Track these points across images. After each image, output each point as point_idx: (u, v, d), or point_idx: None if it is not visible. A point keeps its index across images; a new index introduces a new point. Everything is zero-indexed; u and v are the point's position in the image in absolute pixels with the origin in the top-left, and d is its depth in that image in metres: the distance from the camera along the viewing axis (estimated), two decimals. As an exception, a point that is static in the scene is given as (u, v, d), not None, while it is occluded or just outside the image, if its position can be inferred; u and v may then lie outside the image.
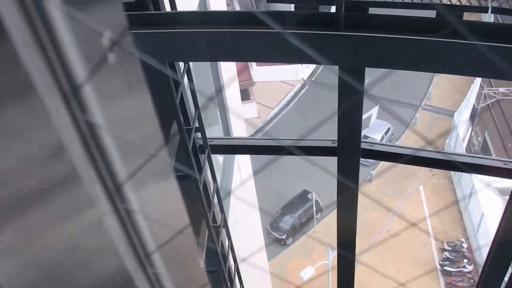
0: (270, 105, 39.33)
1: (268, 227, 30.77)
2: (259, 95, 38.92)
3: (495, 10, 2.68)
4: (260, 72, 39.70)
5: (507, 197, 4.49)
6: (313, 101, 37.60)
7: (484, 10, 2.69)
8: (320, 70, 40.38)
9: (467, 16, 2.73)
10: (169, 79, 3.48)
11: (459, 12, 2.70)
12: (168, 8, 3.75)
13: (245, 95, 36.50)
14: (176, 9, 3.74)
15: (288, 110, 39.08)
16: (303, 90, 40.03)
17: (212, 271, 4.97)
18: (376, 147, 4.61)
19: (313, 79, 40.50)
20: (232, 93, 12.02)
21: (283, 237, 30.79)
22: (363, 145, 4.46)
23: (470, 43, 2.40)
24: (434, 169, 30.48)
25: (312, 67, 40.38)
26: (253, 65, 39.09)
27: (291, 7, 3.01)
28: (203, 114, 5.56)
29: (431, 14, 2.78)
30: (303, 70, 40.02)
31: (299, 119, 37.36)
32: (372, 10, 2.86)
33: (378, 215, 30.29)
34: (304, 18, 2.57)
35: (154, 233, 1.47)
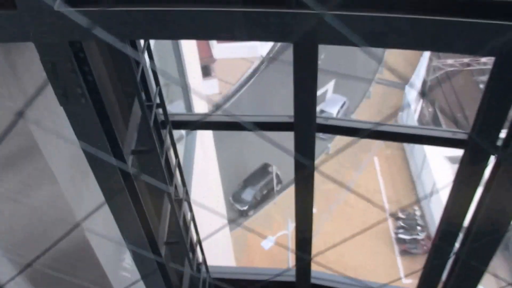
0: (231, 81, 39.51)
1: (231, 198, 31.35)
2: (220, 71, 39.12)
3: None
4: (221, 49, 39.83)
5: (457, 165, 4.71)
6: (272, 76, 37.91)
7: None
8: (277, 47, 40.70)
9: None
10: (128, 56, 3.56)
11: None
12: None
13: (206, 72, 36.62)
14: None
15: (249, 86, 39.33)
16: (262, 66, 40.29)
17: (174, 242, 5.11)
18: (331, 122, 4.77)
19: (271, 55, 40.76)
20: (193, 70, 12.07)
21: (245, 208, 31.46)
22: (318, 120, 4.61)
23: (410, 17, 2.52)
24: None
25: (270, 44, 40.66)
26: (213, 43, 39.20)
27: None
28: (165, 90, 5.66)
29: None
30: (262, 47, 40.25)
31: (259, 94, 37.67)
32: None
33: (336, 187, 30.90)
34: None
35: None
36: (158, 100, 4.30)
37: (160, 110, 4.56)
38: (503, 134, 4.24)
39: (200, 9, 2.63)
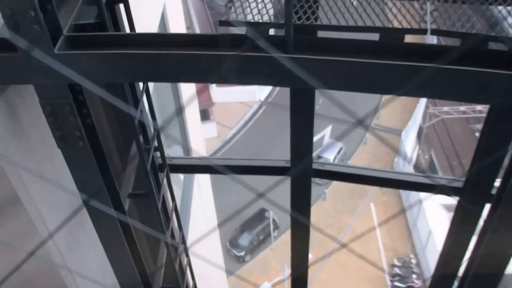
0: (229, 125, 39.67)
1: (228, 244, 31.16)
2: (219, 115, 39.32)
3: (434, 32, 2.88)
4: (220, 93, 40.14)
5: (453, 213, 4.73)
6: (270, 121, 38.09)
7: (423, 32, 2.88)
8: (276, 92, 41.04)
9: (409, 39, 2.92)
10: (128, 99, 3.60)
11: (401, 35, 2.89)
12: (127, 30, 3.88)
13: (205, 115, 36.83)
14: (135, 30, 3.88)
15: (247, 130, 39.48)
16: (260, 111, 40.50)
17: (170, 287, 5.07)
18: (327, 167, 4.80)
19: (269, 100, 41.05)
20: (191, 114, 12.12)
21: (242, 254, 31.22)
22: (314, 165, 4.65)
23: (411, 64, 2.56)
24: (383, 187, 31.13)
25: (268, 88, 41.00)
26: (213, 86, 39.54)
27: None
28: (164, 135, 5.68)
29: (375, 37, 2.98)
30: (261, 92, 40.57)
31: (257, 138, 37.80)
32: (322, 34, 3.03)
33: (332, 231, 30.79)
34: (256, 41, 2.69)
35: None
36: (156, 143, 4.32)
37: (158, 153, 4.59)
38: (497, 183, 4.27)
39: (200, 53, 2.68)
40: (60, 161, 3.39)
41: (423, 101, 37.37)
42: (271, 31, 3.04)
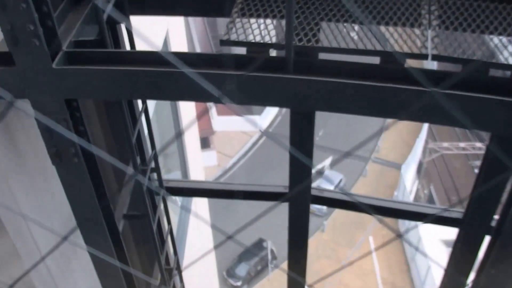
0: (230, 154, 39.66)
1: (224, 273, 30.98)
2: (219, 143, 39.37)
3: (435, 58, 2.86)
4: (220, 121, 40.21)
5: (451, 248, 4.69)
6: (270, 150, 38.10)
7: (424, 57, 2.87)
8: (277, 122, 41.19)
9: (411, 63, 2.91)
10: (125, 118, 3.56)
11: (401, 60, 2.87)
12: (128, 48, 3.86)
13: (205, 143, 36.85)
14: (135, 48, 3.86)
15: (247, 159, 39.49)
16: (261, 141, 40.53)
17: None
18: (325, 194, 4.74)
19: (270, 130, 41.14)
20: (191, 141, 12.10)
21: (239, 284, 30.99)
22: (313, 192, 4.59)
23: (411, 88, 2.54)
24: (382, 221, 31.24)
25: (270, 118, 41.12)
26: (213, 115, 39.63)
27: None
28: (164, 160, 5.63)
29: (376, 60, 2.96)
30: (262, 121, 40.66)
31: (257, 167, 37.79)
32: (323, 56, 3.02)
33: (330, 263, 30.63)
34: (256, 61, 2.68)
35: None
36: (153, 165, 4.28)
37: (156, 176, 4.54)
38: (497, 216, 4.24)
39: (201, 71, 2.65)
40: (53, 178, 3.35)
41: (423, 136, 37.54)
42: (273, 53, 3.03)
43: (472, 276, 4.66)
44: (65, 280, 4.26)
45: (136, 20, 3.78)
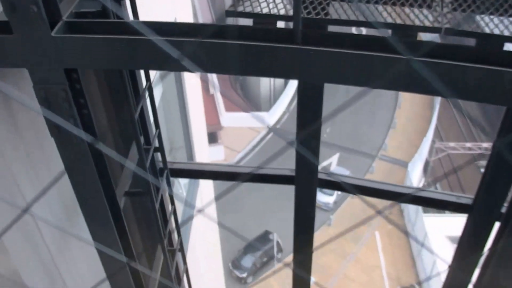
0: (237, 149, 39.71)
1: (230, 265, 31.10)
2: (227, 139, 39.44)
3: (448, 31, 2.77)
4: (228, 117, 40.30)
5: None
6: (277, 146, 38.12)
7: (437, 30, 2.77)
8: (285, 118, 41.23)
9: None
10: (128, 94, 3.47)
11: (413, 32, 2.78)
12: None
13: (213, 138, 36.93)
14: (138, 19, 3.76)
15: (254, 154, 39.56)
16: (269, 136, 40.57)
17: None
18: (333, 177, 4.65)
19: (278, 126, 41.19)
20: (199, 135, 12.04)
21: (244, 275, 31.13)
22: (320, 175, 4.49)
23: (423, 60, 2.45)
24: (388, 216, 31.32)
25: (277, 115, 41.17)
26: (222, 111, 39.73)
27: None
28: (171, 153, 5.52)
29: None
30: (270, 117, 40.76)
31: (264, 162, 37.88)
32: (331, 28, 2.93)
33: (335, 258, 30.57)
34: (263, 32, 2.60)
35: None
36: (156, 144, 4.19)
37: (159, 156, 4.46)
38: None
39: (204, 41, 2.57)
40: (52, 151, 3.26)
41: (429, 135, 37.70)
42: (281, 24, 2.95)
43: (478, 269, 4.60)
44: (64, 261, 4.19)
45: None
